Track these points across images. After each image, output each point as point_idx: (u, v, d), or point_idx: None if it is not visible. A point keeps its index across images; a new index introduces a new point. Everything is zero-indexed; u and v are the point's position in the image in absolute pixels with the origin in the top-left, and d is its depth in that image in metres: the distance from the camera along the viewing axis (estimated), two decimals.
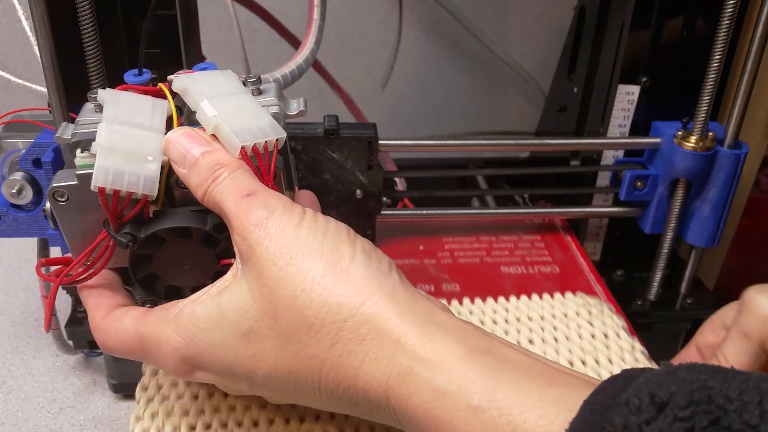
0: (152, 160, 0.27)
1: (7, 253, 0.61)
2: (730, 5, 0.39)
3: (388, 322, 0.24)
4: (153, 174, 0.27)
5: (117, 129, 0.27)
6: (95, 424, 0.44)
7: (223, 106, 0.28)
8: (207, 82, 0.29)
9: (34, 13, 0.34)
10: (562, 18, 0.58)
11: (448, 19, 0.73)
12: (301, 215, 0.27)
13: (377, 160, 0.44)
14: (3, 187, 0.39)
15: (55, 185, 0.28)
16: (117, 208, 0.28)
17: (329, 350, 0.25)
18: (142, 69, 0.31)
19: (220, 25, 0.69)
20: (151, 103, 0.29)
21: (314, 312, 0.25)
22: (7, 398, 0.46)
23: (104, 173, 0.26)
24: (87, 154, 0.28)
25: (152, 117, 0.28)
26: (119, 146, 0.27)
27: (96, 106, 0.31)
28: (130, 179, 0.27)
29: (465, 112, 0.78)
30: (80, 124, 0.30)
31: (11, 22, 0.68)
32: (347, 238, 0.27)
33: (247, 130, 0.28)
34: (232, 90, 0.29)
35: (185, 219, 0.28)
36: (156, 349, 0.27)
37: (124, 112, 0.28)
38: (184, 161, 0.28)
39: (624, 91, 0.47)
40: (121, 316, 0.29)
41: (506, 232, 0.52)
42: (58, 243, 0.41)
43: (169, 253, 0.29)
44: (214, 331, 0.26)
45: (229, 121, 0.28)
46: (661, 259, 0.48)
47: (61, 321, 0.44)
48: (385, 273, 0.26)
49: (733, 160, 0.43)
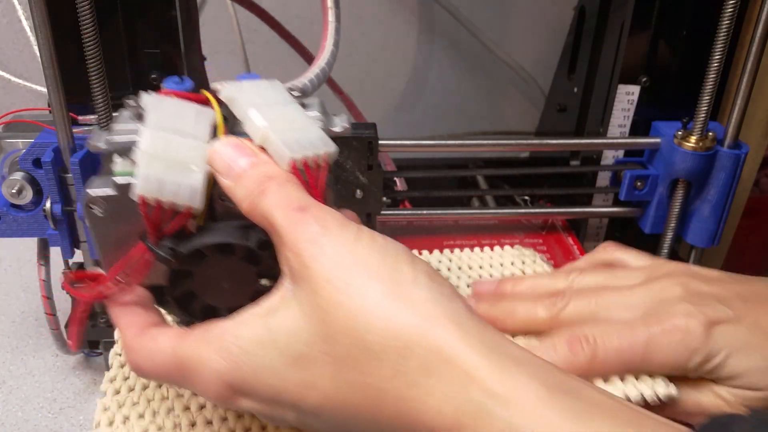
0: (197, 170, 0.26)
1: (7, 253, 0.61)
2: (730, 5, 0.39)
3: (457, 353, 0.22)
4: (197, 184, 0.26)
5: (161, 135, 0.26)
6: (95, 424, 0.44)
7: (272, 116, 0.27)
8: (254, 91, 0.28)
9: (34, 13, 0.34)
10: (562, 18, 0.58)
11: (448, 19, 0.73)
12: (358, 232, 0.25)
13: (377, 160, 0.44)
14: (3, 187, 0.39)
15: (90, 194, 0.26)
16: (158, 220, 0.26)
17: (391, 380, 0.23)
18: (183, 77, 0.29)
19: (220, 25, 0.69)
20: (196, 110, 0.27)
21: (375, 337, 0.23)
22: (7, 398, 0.46)
23: (147, 181, 0.25)
24: (128, 162, 0.26)
25: (196, 125, 0.27)
26: (163, 153, 0.25)
27: (132, 113, 0.29)
28: (173, 189, 0.25)
29: (465, 112, 0.78)
30: (116, 131, 0.28)
31: (11, 22, 0.68)
32: (407, 258, 0.25)
33: (297, 142, 0.26)
34: (279, 100, 0.28)
35: (229, 234, 0.27)
36: (196, 373, 0.25)
37: (167, 119, 0.26)
38: (231, 172, 0.26)
39: (624, 91, 0.47)
40: (156, 336, 0.27)
41: (507, 233, 0.52)
42: (58, 243, 0.41)
43: (209, 269, 0.28)
44: (261, 355, 0.24)
45: (279, 132, 0.26)
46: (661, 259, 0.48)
47: (61, 321, 0.44)
48: (449, 297, 0.24)
49: (733, 160, 0.44)
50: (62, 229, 0.40)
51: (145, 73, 0.43)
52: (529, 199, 0.56)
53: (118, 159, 0.26)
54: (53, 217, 0.39)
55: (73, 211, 0.39)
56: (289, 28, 0.59)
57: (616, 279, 0.36)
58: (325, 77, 0.41)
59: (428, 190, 0.50)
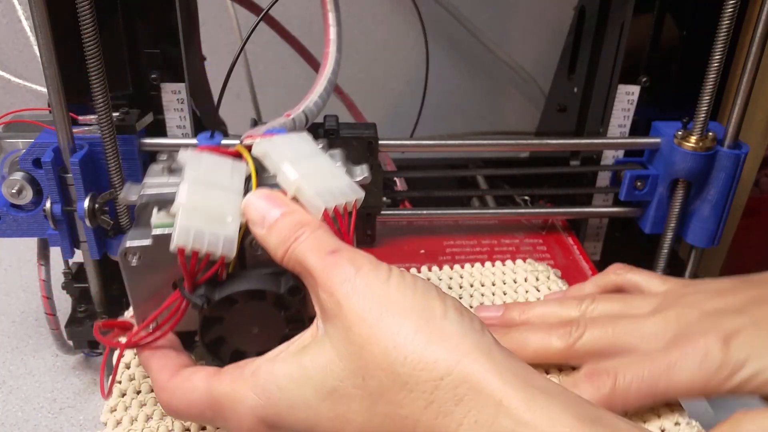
0: (231, 221, 0.27)
1: (7, 253, 0.61)
2: (730, 5, 0.39)
3: (487, 383, 0.23)
4: (232, 235, 0.27)
5: (198, 189, 0.27)
6: (95, 424, 0.44)
7: (303, 168, 0.28)
8: (285, 145, 0.29)
9: (34, 13, 0.34)
10: (562, 18, 0.58)
11: (448, 19, 0.73)
12: (389, 272, 0.26)
13: (377, 160, 0.44)
14: (3, 187, 0.39)
15: (128, 245, 0.28)
16: (194, 269, 0.27)
17: (423, 411, 0.23)
18: (213, 132, 0.32)
19: (220, 25, 0.69)
20: (231, 164, 0.29)
21: (408, 369, 0.23)
22: (7, 398, 0.46)
23: (186, 233, 0.26)
24: (163, 214, 0.28)
25: (232, 178, 0.28)
26: (200, 206, 0.27)
27: (164, 167, 0.31)
28: (210, 240, 0.26)
29: (465, 112, 0.78)
30: (148, 185, 0.30)
31: (11, 22, 0.68)
32: (437, 295, 0.26)
33: (328, 191, 0.28)
34: (309, 152, 0.30)
35: (261, 282, 0.28)
36: (230, 410, 0.26)
37: (205, 173, 0.28)
38: (264, 222, 0.27)
39: (624, 91, 0.47)
40: (190, 376, 0.28)
41: (507, 233, 0.52)
42: (58, 243, 0.41)
43: (240, 315, 0.29)
44: (295, 391, 0.25)
45: (311, 184, 0.28)
46: (661, 259, 0.48)
47: (61, 321, 0.44)
48: (479, 331, 0.25)
49: (733, 160, 0.44)
50: (62, 229, 0.40)
51: (145, 73, 0.43)
52: (529, 199, 0.56)
53: (156, 211, 0.28)
54: (53, 217, 0.39)
55: (73, 211, 0.39)
56: (289, 28, 0.59)
57: (631, 307, 0.35)
58: (332, 87, 0.41)
59: (428, 190, 0.50)
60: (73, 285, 0.46)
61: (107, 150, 0.39)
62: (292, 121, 0.36)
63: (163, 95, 0.44)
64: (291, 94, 0.74)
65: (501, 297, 0.42)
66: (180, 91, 0.44)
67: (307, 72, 0.63)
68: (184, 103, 0.44)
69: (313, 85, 0.41)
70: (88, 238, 0.40)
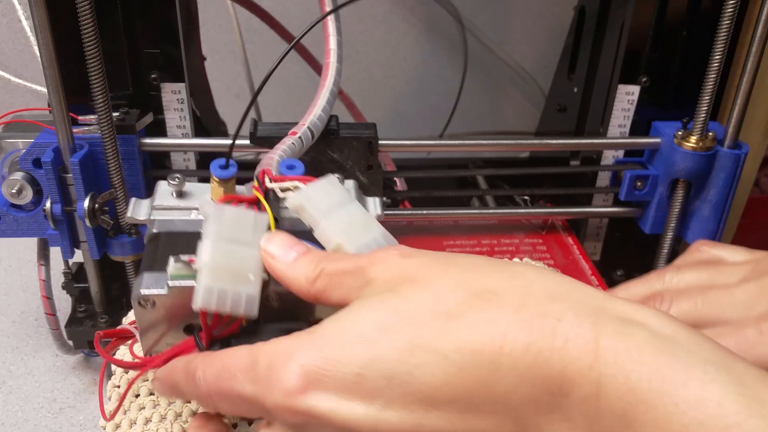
0: (253, 278, 0.27)
1: (7, 253, 0.61)
2: (730, 5, 0.39)
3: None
4: (254, 293, 0.27)
5: (221, 247, 0.26)
6: (95, 424, 0.44)
7: (339, 223, 0.28)
8: (318, 196, 0.29)
9: (34, 13, 0.34)
10: (562, 18, 0.58)
11: (448, 19, 0.73)
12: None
13: (377, 160, 0.44)
14: (3, 187, 0.39)
15: (143, 293, 0.27)
16: (214, 326, 0.27)
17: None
18: (228, 161, 0.31)
19: (220, 25, 0.69)
20: (254, 218, 0.28)
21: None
22: (7, 398, 0.46)
23: (209, 294, 0.26)
24: (181, 265, 0.27)
25: (254, 233, 0.28)
26: (223, 266, 0.26)
27: (173, 190, 0.31)
28: (233, 298, 0.26)
29: (465, 112, 0.78)
30: (157, 207, 0.30)
31: (11, 22, 0.68)
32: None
33: (366, 246, 0.27)
34: (340, 201, 0.29)
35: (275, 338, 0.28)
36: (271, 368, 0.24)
37: (228, 228, 0.27)
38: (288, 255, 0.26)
39: (624, 91, 0.47)
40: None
41: (507, 233, 0.52)
42: (58, 243, 0.41)
43: None
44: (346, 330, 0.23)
45: (350, 240, 0.27)
46: (661, 259, 0.48)
47: (61, 321, 0.44)
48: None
49: (733, 160, 0.44)
50: (62, 229, 0.40)
51: (145, 73, 0.43)
52: (529, 199, 0.56)
53: (172, 262, 0.27)
54: (53, 217, 0.39)
55: (73, 211, 0.39)
56: (289, 28, 0.59)
57: (720, 276, 0.33)
58: (335, 98, 0.41)
59: (428, 190, 0.50)
60: (73, 285, 0.46)
61: (107, 150, 0.39)
62: (299, 140, 0.36)
63: (163, 95, 0.44)
64: (291, 94, 0.74)
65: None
66: (180, 91, 0.44)
67: (307, 72, 0.63)
68: (184, 103, 0.44)
69: (315, 98, 0.40)
70: (88, 238, 0.40)
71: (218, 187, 0.31)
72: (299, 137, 0.36)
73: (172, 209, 0.31)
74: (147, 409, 0.33)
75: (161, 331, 0.29)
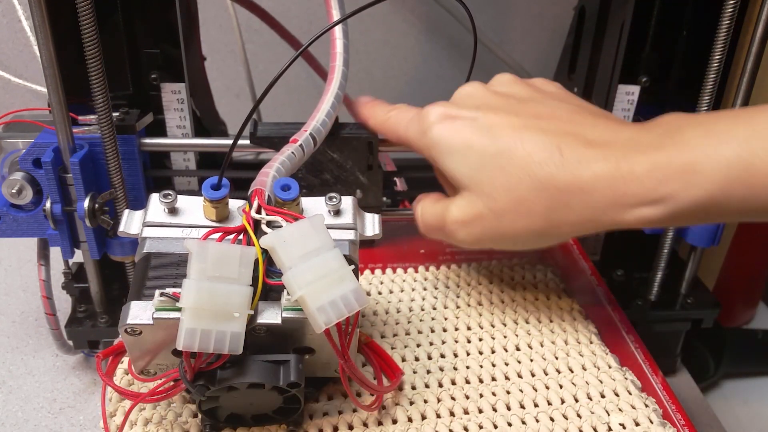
0: (238, 316, 0.26)
1: (7, 253, 0.61)
2: (730, 5, 0.39)
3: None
4: (239, 331, 0.26)
5: (204, 287, 0.26)
6: (95, 424, 0.44)
7: (309, 272, 0.27)
8: (294, 239, 0.27)
9: (34, 13, 0.34)
10: (562, 18, 0.58)
11: (448, 19, 0.73)
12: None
13: (377, 160, 0.44)
14: (3, 187, 0.39)
15: (129, 323, 0.27)
16: (199, 364, 0.27)
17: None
18: (220, 183, 0.30)
19: (220, 25, 0.70)
20: (239, 252, 0.27)
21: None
22: (7, 398, 0.46)
23: (191, 336, 0.25)
24: (166, 300, 0.27)
25: (240, 269, 0.27)
26: (207, 306, 0.26)
27: (165, 208, 0.31)
28: (217, 338, 0.26)
29: None
30: (148, 224, 0.30)
31: (11, 22, 0.68)
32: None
33: (332, 305, 0.27)
34: (318, 246, 0.27)
35: (261, 375, 0.28)
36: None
37: (211, 267, 0.26)
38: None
39: (624, 91, 0.47)
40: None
41: None
42: (58, 243, 0.41)
43: (238, 395, 0.29)
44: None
45: (314, 296, 0.26)
46: (661, 259, 0.48)
47: (61, 321, 0.44)
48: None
49: None
50: (62, 229, 0.40)
51: (145, 73, 0.43)
52: None
53: (158, 295, 0.27)
54: (53, 217, 0.39)
55: (73, 211, 0.39)
56: (289, 28, 0.59)
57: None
58: (339, 102, 0.41)
59: (428, 190, 0.50)
60: (73, 285, 0.46)
61: (107, 150, 0.39)
62: (300, 148, 0.35)
63: (163, 95, 0.44)
64: (291, 94, 0.74)
65: (500, 296, 0.42)
66: (180, 91, 0.44)
67: (307, 72, 0.63)
68: (184, 103, 0.44)
69: (320, 102, 0.39)
70: (88, 238, 0.40)
71: (210, 208, 0.30)
72: (300, 145, 0.35)
73: (164, 226, 0.30)
74: (147, 409, 0.33)
75: (151, 354, 0.29)
